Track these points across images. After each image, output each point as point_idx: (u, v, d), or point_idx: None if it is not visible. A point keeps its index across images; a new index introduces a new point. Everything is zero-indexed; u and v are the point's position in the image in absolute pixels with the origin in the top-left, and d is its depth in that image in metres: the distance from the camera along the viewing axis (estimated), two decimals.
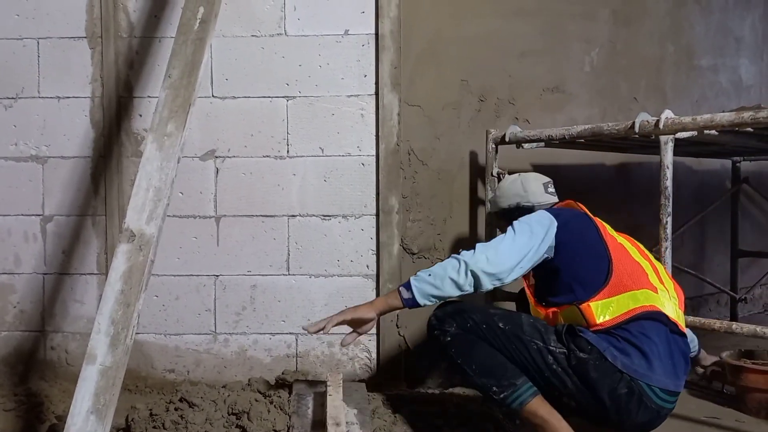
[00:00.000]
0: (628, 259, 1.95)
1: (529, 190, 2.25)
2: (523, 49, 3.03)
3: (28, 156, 2.82)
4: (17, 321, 2.84)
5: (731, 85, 4.16)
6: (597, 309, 1.85)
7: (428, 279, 1.87)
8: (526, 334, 1.89)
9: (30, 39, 2.80)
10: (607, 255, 1.92)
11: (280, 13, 2.76)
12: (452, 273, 1.85)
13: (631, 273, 1.91)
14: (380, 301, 1.97)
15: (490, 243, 1.92)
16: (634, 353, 1.81)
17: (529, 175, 2.31)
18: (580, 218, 2.04)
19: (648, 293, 1.88)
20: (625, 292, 1.86)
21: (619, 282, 1.87)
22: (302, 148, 2.78)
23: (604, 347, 1.80)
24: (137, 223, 1.90)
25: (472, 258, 1.86)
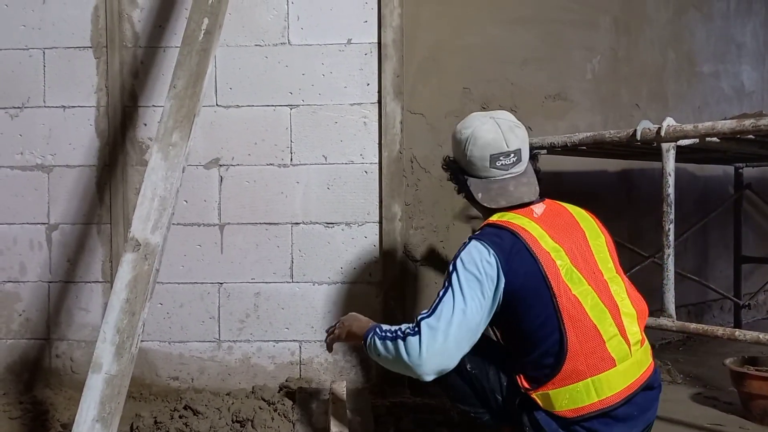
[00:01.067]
0: (583, 325, 1.65)
1: (469, 157, 1.83)
2: (524, 57, 3.04)
3: (34, 165, 2.84)
4: (23, 329, 2.86)
5: (733, 91, 4.17)
6: (542, 400, 1.66)
7: (378, 357, 1.74)
8: (490, 383, 1.80)
9: (36, 49, 2.83)
10: (560, 328, 1.63)
11: (284, 23, 2.78)
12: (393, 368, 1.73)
13: (588, 353, 1.63)
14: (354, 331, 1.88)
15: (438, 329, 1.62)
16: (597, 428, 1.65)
17: (484, 133, 1.81)
18: (525, 260, 1.68)
19: (613, 375, 1.64)
20: (579, 381, 1.63)
21: (573, 371, 1.62)
22: (305, 156, 2.79)
23: (553, 429, 1.66)
24: (142, 233, 1.92)
25: (419, 367, 1.63)
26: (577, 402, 1.63)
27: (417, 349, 1.62)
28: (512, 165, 1.81)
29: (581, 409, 1.63)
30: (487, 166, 1.81)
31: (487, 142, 1.80)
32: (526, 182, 1.83)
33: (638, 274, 3.13)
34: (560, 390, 1.63)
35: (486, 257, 1.67)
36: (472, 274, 1.66)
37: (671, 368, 3.10)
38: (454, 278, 1.67)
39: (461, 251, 1.71)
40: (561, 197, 2.28)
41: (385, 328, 1.75)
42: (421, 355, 1.62)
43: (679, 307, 2.46)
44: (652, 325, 2.42)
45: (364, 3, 2.77)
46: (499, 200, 1.80)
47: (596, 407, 1.63)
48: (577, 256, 1.73)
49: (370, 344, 1.75)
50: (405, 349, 1.64)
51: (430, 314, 1.66)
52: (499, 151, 1.80)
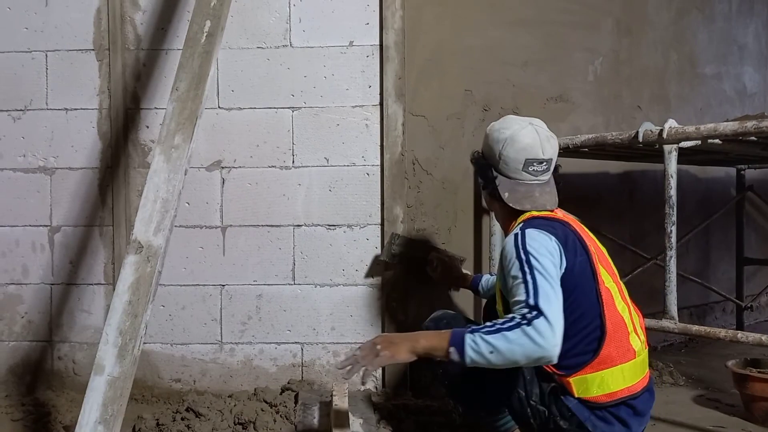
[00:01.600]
0: (615, 314, 1.74)
1: (503, 157, 1.86)
2: (526, 59, 3.04)
3: (36, 167, 2.84)
4: (25, 331, 2.86)
5: (735, 92, 4.17)
6: (578, 385, 1.71)
7: (487, 356, 1.57)
8: (512, 378, 1.79)
9: (38, 52, 2.83)
10: (601, 314, 1.71)
11: (286, 25, 2.78)
12: (521, 359, 1.57)
13: (619, 340, 1.72)
14: (423, 347, 1.66)
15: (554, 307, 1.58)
16: (615, 421, 1.73)
17: (523, 137, 1.85)
18: (578, 249, 1.76)
19: (631, 367, 1.74)
20: (612, 367, 1.71)
21: (608, 356, 1.70)
22: (307, 159, 2.80)
23: (585, 417, 1.71)
24: (145, 235, 1.92)
25: (548, 341, 1.54)
26: (610, 387, 1.70)
27: (549, 329, 1.54)
28: (542, 173, 1.87)
29: (613, 394, 1.71)
30: (519, 169, 1.85)
31: (525, 147, 1.84)
32: (549, 191, 1.90)
33: (640, 276, 3.13)
34: (596, 374, 1.70)
35: (548, 242, 1.71)
36: (545, 256, 1.67)
37: (673, 370, 3.10)
38: (534, 262, 1.65)
39: (522, 240, 1.70)
40: (563, 199, 2.29)
41: (477, 327, 1.61)
42: (555, 334, 1.54)
43: (681, 309, 2.46)
44: (654, 327, 2.42)
45: (366, 5, 2.77)
46: (524, 203, 1.85)
47: (624, 393, 1.71)
48: (600, 254, 1.82)
49: (475, 343, 1.57)
50: (536, 332, 1.53)
51: (535, 297, 1.58)
52: (534, 156, 1.84)
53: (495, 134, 1.91)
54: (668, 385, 2.99)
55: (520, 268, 1.65)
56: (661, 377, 3.04)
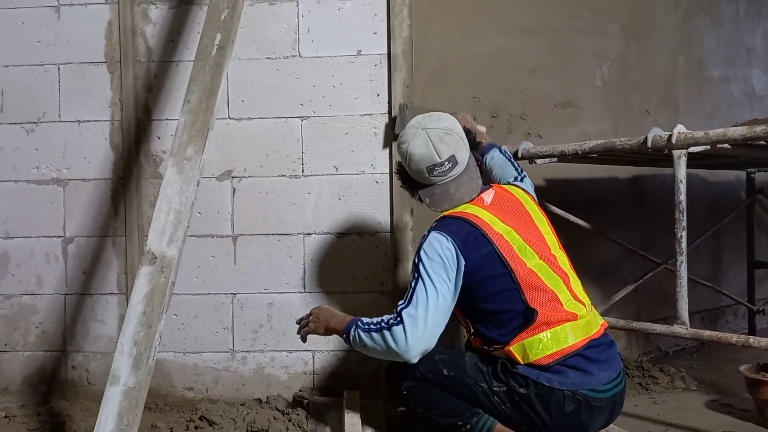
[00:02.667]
0: (544, 290, 1.89)
1: (411, 170, 2.03)
2: (533, 66, 3.05)
3: (50, 179, 2.88)
4: (39, 341, 2.89)
5: (744, 95, 4.16)
6: (518, 351, 1.87)
7: (362, 349, 1.94)
8: (470, 378, 1.95)
9: (51, 65, 2.87)
10: (521, 295, 1.87)
11: (294, 36, 2.81)
12: (381, 357, 1.93)
13: (551, 309, 1.88)
14: (332, 326, 2.06)
15: (417, 316, 1.84)
16: (570, 371, 1.86)
17: (415, 149, 1.96)
18: (481, 244, 1.90)
19: (567, 328, 1.87)
20: (547, 330, 1.86)
21: (541, 322, 1.85)
22: (317, 167, 2.82)
23: (536, 375, 1.85)
24: (159, 246, 1.95)
25: (407, 353, 1.85)
26: (550, 348, 1.84)
27: (403, 337, 1.84)
28: (448, 170, 1.99)
29: (553, 355, 1.85)
30: (426, 176, 2.00)
31: (421, 158, 1.98)
32: (467, 181, 2.02)
33: (651, 280, 3.12)
34: (533, 338, 1.85)
35: (445, 244, 1.89)
36: (436, 261, 1.88)
37: (685, 375, 3.09)
38: (422, 268, 1.89)
39: (423, 244, 1.92)
40: (572, 204, 2.30)
41: (366, 320, 1.95)
42: (407, 342, 1.84)
43: (692, 314, 2.45)
44: (666, 333, 2.42)
45: (374, 14, 2.79)
46: (443, 204, 2.01)
47: (566, 351, 1.85)
48: (527, 235, 1.96)
49: (354, 337, 1.94)
50: (392, 338, 1.85)
51: (407, 304, 1.87)
52: (432, 163, 1.97)
53: (399, 149, 2.07)
54: (680, 390, 2.98)
55: (412, 271, 1.93)
56: (673, 382, 3.02)
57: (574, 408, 1.83)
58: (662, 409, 2.71)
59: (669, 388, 2.98)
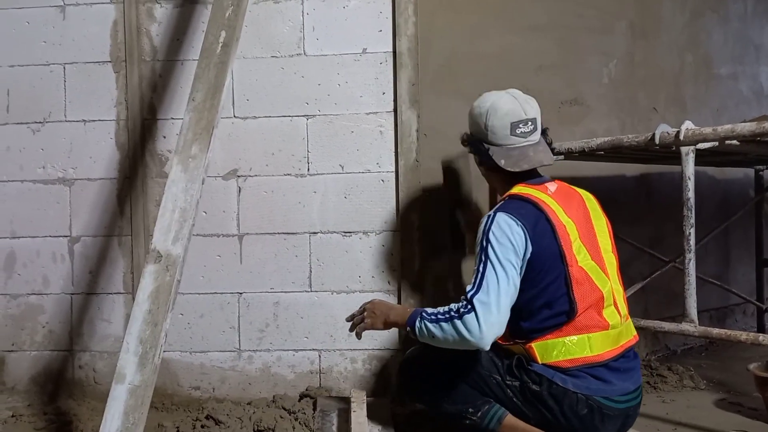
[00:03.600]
0: (591, 290, 1.85)
1: (489, 127, 1.97)
2: (539, 64, 3.04)
3: (56, 179, 2.88)
4: (46, 341, 2.89)
5: (752, 93, 4.13)
6: (540, 350, 1.86)
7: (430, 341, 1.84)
8: (485, 369, 1.93)
9: (56, 64, 2.88)
10: (569, 292, 1.83)
11: (299, 34, 2.80)
12: (452, 347, 1.82)
13: (590, 313, 1.84)
14: (392, 319, 1.98)
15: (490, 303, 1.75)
16: (590, 378, 1.83)
17: (503, 104, 1.97)
18: (546, 233, 1.85)
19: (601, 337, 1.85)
20: (576, 335, 1.83)
21: (573, 326, 1.83)
22: (322, 166, 2.81)
23: (551, 374, 1.83)
24: (164, 244, 1.94)
25: (475, 336, 1.75)
26: (573, 353, 1.82)
27: (476, 325, 1.74)
28: (530, 133, 1.97)
29: (575, 360, 1.82)
30: (507, 134, 1.95)
31: (507, 111, 1.96)
32: (543, 150, 1.99)
33: (659, 279, 3.10)
34: (558, 340, 1.83)
35: (515, 229, 1.82)
36: (506, 245, 1.80)
37: (694, 374, 3.07)
38: (491, 251, 1.80)
39: (489, 225, 1.83)
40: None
41: (431, 311, 1.85)
42: (481, 330, 1.74)
43: (701, 312, 2.43)
44: (674, 331, 2.40)
45: (379, 12, 2.78)
46: (521, 164, 1.94)
47: (589, 360, 1.82)
48: (584, 234, 1.90)
49: (421, 329, 1.84)
50: (464, 327, 1.75)
51: (477, 290, 1.78)
52: (518, 118, 1.95)
53: (476, 110, 2.04)
54: (689, 389, 2.96)
55: (478, 254, 1.83)
56: (681, 381, 3.00)
57: (586, 412, 1.81)
58: (671, 408, 2.69)
59: (678, 387, 2.96)
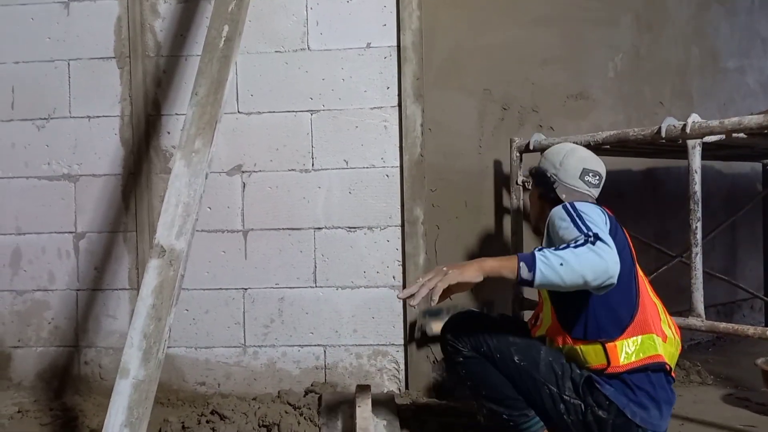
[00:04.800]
0: (648, 296, 1.86)
1: (564, 164, 1.98)
2: (545, 57, 3.02)
3: (61, 175, 2.89)
4: (52, 337, 2.90)
5: (759, 86, 4.10)
6: (622, 349, 1.78)
7: (557, 269, 1.57)
8: (541, 375, 1.82)
9: (61, 61, 2.88)
10: (636, 286, 1.82)
11: (303, 29, 2.79)
12: (589, 273, 1.57)
13: (652, 312, 1.83)
14: (491, 266, 1.63)
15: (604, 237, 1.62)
16: (650, 404, 1.77)
17: (582, 152, 2.02)
18: (622, 233, 1.86)
19: (660, 342, 1.81)
20: (648, 333, 1.79)
21: (644, 321, 1.79)
22: (327, 161, 2.80)
23: (623, 404, 1.75)
24: (167, 239, 1.94)
25: (611, 257, 1.59)
26: (646, 351, 1.77)
27: (609, 249, 1.60)
28: (595, 186, 1.99)
29: (644, 360, 1.76)
30: (577, 176, 1.97)
31: (584, 157, 2.01)
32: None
33: (665, 274, 3.08)
34: (631, 339, 1.77)
35: (597, 208, 1.80)
36: (594, 213, 1.74)
37: (701, 369, 3.05)
38: (583, 214, 1.72)
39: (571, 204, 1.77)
40: None
41: (544, 248, 1.64)
42: (614, 253, 1.60)
43: (708, 307, 2.42)
44: (681, 325, 2.38)
45: (383, 6, 2.77)
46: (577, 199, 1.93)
47: (659, 359, 1.78)
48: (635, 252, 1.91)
49: (541, 259, 1.58)
50: (600, 249, 1.59)
51: (588, 230, 1.65)
52: (591, 167, 1.98)
53: (555, 149, 2.07)
54: (696, 384, 2.94)
55: (570, 217, 1.72)
56: (688, 376, 2.99)
57: None
58: (678, 403, 2.65)
59: (685, 382, 2.94)
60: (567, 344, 1.85)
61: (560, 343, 1.87)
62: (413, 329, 2.77)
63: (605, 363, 1.78)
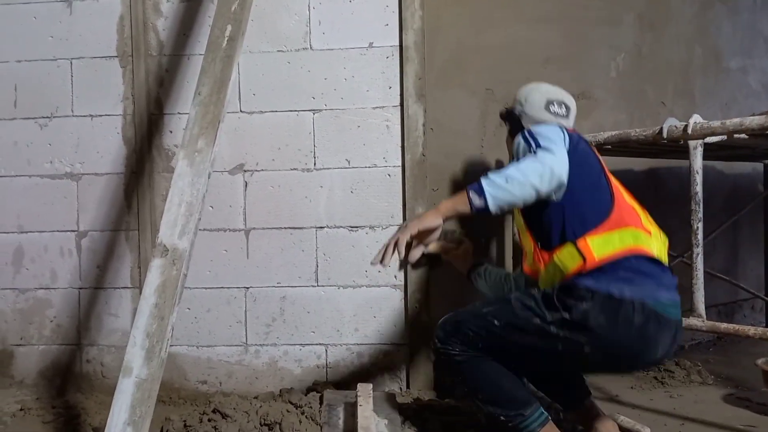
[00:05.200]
0: (624, 200, 1.90)
1: (528, 99, 2.12)
2: (547, 56, 3.02)
3: (63, 173, 2.89)
4: (54, 335, 2.91)
5: (761, 86, 4.10)
6: (595, 244, 1.78)
7: (504, 186, 1.71)
8: (521, 319, 1.81)
9: (63, 60, 2.88)
10: (609, 188, 1.87)
11: (305, 28, 2.80)
12: (535, 179, 1.71)
13: (629, 211, 1.87)
14: (446, 206, 1.80)
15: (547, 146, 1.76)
16: (636, 277, 1.76)
17: (546, 86, 2.16)
18: (585, 143, 1.94)
19: (643, 234, 1.83)
20: (625, 227, 1.80)
21: (620, 217, 1.82)
22: (329, 161, 2.81)
23: (605, 286, 1.74)
24: (170, 238, 1.94)
25: (554, 160, 1.72)
26: (625, 242, 1.78)
27: (552, 155, 1.73)
28: (563, 117, 2.09)
29: (631, 249, 1.78)
30: (542, 107, 2.08)
31: (547, 90, 2.13)
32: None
33: None
34: (613, 232, 1.79)
35: (554, 126, 1.87)
36: (549, 131, 1.82)
37: (702, 369, 3.05)
38: (537, 135, 1.81)
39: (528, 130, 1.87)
40: None
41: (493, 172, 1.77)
42: (560, 156, 1.74)
43: (708, 307, 2.42)
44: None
45: (385, 6, 2.77)
46: None
47: (642, 250, 1.80)
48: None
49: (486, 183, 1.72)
50: (543, 156, 1.72)
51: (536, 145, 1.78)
52: (556, 98, 2.10)
53: (521, 89, 2.19)
54: (697, 384, 2.94)
55: (524, 141, 1.83)
56: (689, 376, 2.99)
57: (642, 321, 1.72)
58: (678, 403, 2.68)
59: (685, 382, 2.95)
60: (548, 262, 1.88)
61: (543, 265, 1.90)
62: (414, 328, 2.77)
63: (581, 261, 1.78)
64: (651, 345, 1.76)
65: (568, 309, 1.75)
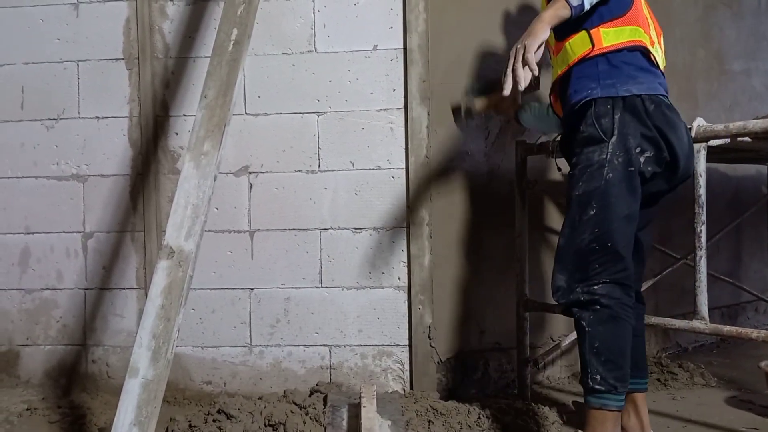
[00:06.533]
0: (642, 6, 2.04)
1: None
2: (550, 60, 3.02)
3: (70, 175, 2.91)
4: (60, 335, 2.93)
5: (765, 88, 4.11)
6: (607, 34, 1.94)
7: None
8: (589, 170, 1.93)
9: (70, 62, 2.90)
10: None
11: (310, 31, 2.81)
12: None
13: (644, 19, 2.01)
14: (549, 14, 1.84)
15: None
16: (637, 73, 1.94)
17: None
18: None
19: (648, 40, 2.00)
20: (636, 26, 1.96)
21: (634, 18, 1.96)
22: (333, 163, 2.82)
23: (614, 91, 1.90)
24: (176, 240, 1.96)
25: None
26: (632, 36, 1.95)
27: None
28: None
29: (631, 41, 1.95)
30: None
31: None
32: None
33: (670, 276, 3.09)
34: (618, 27, 1.94)
35: None
36: None
37: (705, 371, 3.06)
38: None
39: None
40: None
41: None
42: None
43: (712, 310, 2.43)
44: (685, 328, 2.40)
45: (390, 9, 2.79)
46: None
47: (643, 44, 1.96)
48: None
49: None
50: None
51: None
52: None
53: None
54: (700, 386, 2.95)
55: None
56: (692, 378, 3.00)
57: (654, 107, 1.90)
58: (681, 405, 2.68)
59: (688, 384, 2.95)
60: (561, 51, 2.04)
61: (555, 54, 2.08)
62: (417, 330, 2.79)
63: (590, 47, 1.96)
64: (677, 129, 1.93)
65: (603, 130, 1.91)
